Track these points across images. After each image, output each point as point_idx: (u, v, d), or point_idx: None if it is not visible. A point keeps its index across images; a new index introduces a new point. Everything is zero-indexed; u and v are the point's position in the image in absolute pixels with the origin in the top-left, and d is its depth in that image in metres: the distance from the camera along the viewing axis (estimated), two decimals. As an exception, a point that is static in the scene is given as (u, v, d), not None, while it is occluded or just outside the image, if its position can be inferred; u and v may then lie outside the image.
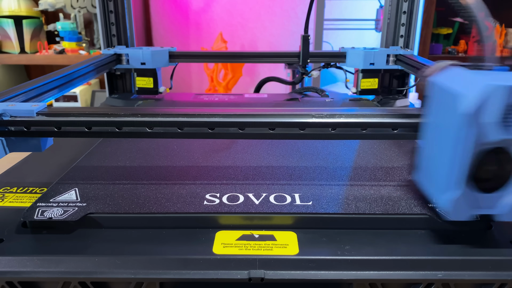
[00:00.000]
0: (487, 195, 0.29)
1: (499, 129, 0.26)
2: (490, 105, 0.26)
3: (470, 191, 0.28)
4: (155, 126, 0.34)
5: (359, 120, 0.34)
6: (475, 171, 0.28)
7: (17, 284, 0.28)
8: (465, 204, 0.28)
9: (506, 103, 0.26)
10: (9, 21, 1.66)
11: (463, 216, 0.29)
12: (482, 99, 0.25)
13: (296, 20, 1.85)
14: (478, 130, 0.26)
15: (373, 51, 0.70)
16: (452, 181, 0.28)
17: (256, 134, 0.34)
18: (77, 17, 1.71)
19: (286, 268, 0.28)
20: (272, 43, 1.91)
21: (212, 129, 0.34)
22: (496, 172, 0.28)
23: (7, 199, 0.36)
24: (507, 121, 0.26)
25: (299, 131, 0.34)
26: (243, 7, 1.88)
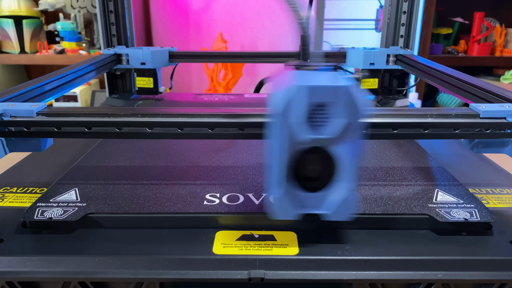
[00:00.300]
0: (313, 195, 0.29)
1: (307, 128, 0.27)
2: (294, 105, 0.26)
3: (294, 190, 0.29)
4: (155, 126, 0.34)
5: None
6: (297, 170, 0.28)
7: (17, 284, 0.28)
8: (289, 203, 0.29)
9: (309, 103, 0.26)
10: (9, 21, 1.66)
11: (288, 215, 0.29)
12: (287, 99, 0.26)
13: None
14: (289, 130, 0.27)
15: (373, 51, 0.71)
16: (275, 180, 0.28)
17: (256, 134, 0.34)
18: (77, 17, 1.71)
19: (286, 268, 0.28)
20: (272, 43, 1.91)
21: (212, 129, 0.34)
22: (318, 172, 0.28)
23: (7, 199, 0.36)
24: (314, 120, 0.27)
25: None
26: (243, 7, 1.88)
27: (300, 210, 0.29)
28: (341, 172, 0.28)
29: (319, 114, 0.27)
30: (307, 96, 0.26)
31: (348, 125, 0.27)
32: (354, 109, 0.26)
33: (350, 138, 0.27)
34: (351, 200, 0.28)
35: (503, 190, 0.39)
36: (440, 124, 0.33)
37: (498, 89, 0.41)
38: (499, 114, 0.34)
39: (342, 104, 0.26)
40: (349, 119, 0.26)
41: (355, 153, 0.28)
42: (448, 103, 1.85)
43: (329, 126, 0.27)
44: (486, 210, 0.32)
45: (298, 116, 0.26)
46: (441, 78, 0.54)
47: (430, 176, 0.38)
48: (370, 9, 1.79)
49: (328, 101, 0.26)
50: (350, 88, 0.26)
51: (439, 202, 0.33)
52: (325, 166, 0.28)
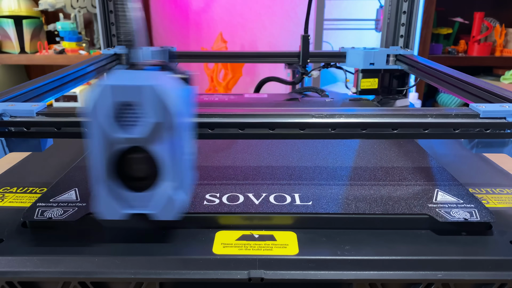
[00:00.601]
0: (139, 194, 0.28)
1: (118, 128, 0.26)
2: (101, 104, 0.26)
3: (119, 190, 0.28)
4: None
5: (358, 120, 0.34)
6: (120, 170, 0.28)
7: (17, 284, 0.28)
8: (114, 203, 0.28)
9: (115, 102, 0.26)
10: (9, 21, 1.66)
11: (114, 215, 0.28)
12: (94, 98, 0.26)
13: (296, 20, 1.85)
14: (101, 129, 0.26)
15: (373, 51, 0.71)
16: (97, 180, 0.28)
17: (256, 134, 0.34)
18: (77, 17, 1.71)
19: (286, 268, 0.28)
20: (272, 43, 1.91)
21: (212, 130, 0.34)
22: (142, 171, 0.28)
23: (7, 199, 0.36)
24: (124, 120, 0.26)
25: (299, 131, 0.34)
26: (243, 7, 1.88)
27: (126, 209, 0.29)
28: (164, 171, 0.28)
29: (129, 113, 0.26)
30: (111, 95, 0.26)
31: (159, 124, 0.26)
32: (163, 108, 0.26)
33: (166, 137, 0.27)
34: (176, 200, 0.28)
35: (503, 190, 0.39)
36: (440, 124, 0.33)
37: (498, 89, 0.41)
38: (499, 114, 0.34)
39: (149, 103, 0.26)
40: (159, 118, 0.26)
41: (175, 153, 0.27)
42: (448, 103, 1.84)
43: (139, 125, 0.27)
44: (486, 210, 0.32)
45: (107, 115, 0.26)
46: (441, 78, 0.54)
47: (430, 176, 0.38)
48: (370, 9, 1.79)
49: (134, 101, 0.26)
50: (156, 88, 0.26)
51: (439, 202, 0.33)
52: (147, 165, 0.28)
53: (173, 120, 0.27)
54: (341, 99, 0.71)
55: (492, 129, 0.33)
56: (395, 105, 0.72)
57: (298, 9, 1.83)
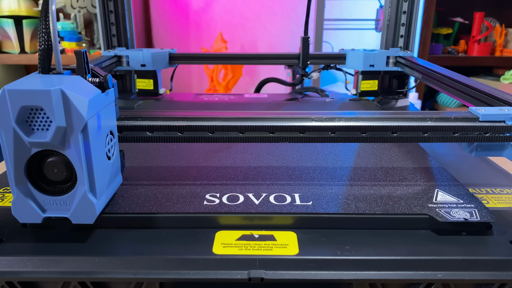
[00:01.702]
0: (57, 198, 0.29)
1: (27, 132, 0.27)
2: (6, 108, 0.26)
3: (36, 192, 0.29)
4: (155, 130, 0.34)
5: (358, 123, 0.34)
6: (36, 173, 0.29)
7: (17, 284, 0.28)
8: (32, 207, 0.29)
9: (19, 106, 0.26)
10: (9, 21, 1.66)
11: (34, 219, 0.29)
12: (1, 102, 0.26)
13: (296, 20, 1.85)
14: (10, 133, 0.27)
15: (372, 53, 0.71)
16: (11, 183, 0.28)
17: (256, 137, 0.34)
18: (77, 17, 1.71)
19: (286, 268, 0.28)
20: (272, 43, 1.91)
21: (212, 133, 0.34)
22: (57, 175, 0.29)
23: (7, 199, 0.36)
24: (33, 124, 0.27)
25: (299, 135, 0.34)
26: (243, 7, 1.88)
27: (43, 214, 0.29)
28: (78, 176, 0.28)
29: (36, 117, 0.27)
30: (14, 99, 0.26)
31: (65, 129, 0.27)
32: (70, 112, 0.26)
33: (76, 141, 0.27)
34: (88, 203, 0.28)
35: (503, 190, 0.39)
36: (440, 127, 0.34)
37: (498, 92, 0.41)
38: (498, 118, 0.34)
39: (55, 108, 0.26)
40: (64, 123, 0.26)
41: (86, 156, 0.28)
42: (448, 103, 1.84)
43: (48, 130, 0.27)
44: (486, 210, 0.32)
45: (12, 119, 0.26)
46: (441, 81, 0.54)
47: (430, 176, 0.38)
48: (370, 9, 1.79)
49: (40, 105, 0.26)
50: (60, 92, 0.26)
51: (439, 202, 0.33)
52: (61, 169, 0.28)
53: (81, 124, 0.27)
54: (341, 99, 0.71)
55: (491, 133, 0.34)
56: (395, 105, 0.72)
57: (298, 9, 1.83)
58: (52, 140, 0.27)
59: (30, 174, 0.29)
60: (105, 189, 0.31)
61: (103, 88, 0.30)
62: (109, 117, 0.31)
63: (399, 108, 0.71)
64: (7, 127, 0.27)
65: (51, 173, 0.29)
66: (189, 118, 0.34)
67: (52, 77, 0.29)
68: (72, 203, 0.29)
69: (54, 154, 0.28)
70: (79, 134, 0.27)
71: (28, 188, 0.29)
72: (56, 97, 0.26)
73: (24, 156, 0.28)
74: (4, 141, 0.27)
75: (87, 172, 0.28)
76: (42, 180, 0.29)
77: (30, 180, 0.29)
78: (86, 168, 0.28)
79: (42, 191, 0.29)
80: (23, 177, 0.28)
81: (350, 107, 0.66)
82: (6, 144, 0.27)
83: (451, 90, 0.51)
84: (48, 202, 0.29)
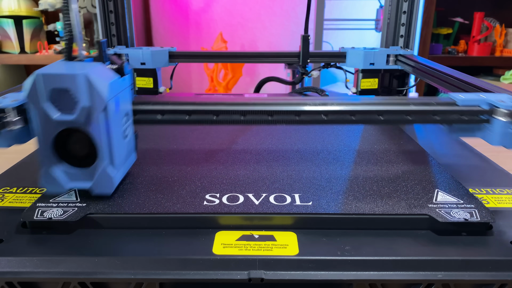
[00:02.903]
0: (80, 171, 0.33)
1: (56, 111, 0.30)
2: (37, 90, 0.30)
3: (62, 165, 0.33)
4: (166, 113, 0.36)
5: (348, 107, 0.36)
6: (64, 145, 0.33)
7: (17, 284, 0.28)
8: (58, 177, 0.33)
9: (50, 88, 0.30)
10: (9, 21, 1.66)
11: (59, 188, 0.33)
12: (31, 85, 0.30)
13: (296, 20, 1.85)
14: (40, 112, 0.31)
15: (373, 51, 0.70)
16: (41, 157, 0.33)
17: (256, 120, 0.36)
18: (77, 17, 1.71)
19: (286, 269, 0.28)
20: (272, 43, 1.91)
21: (217, 116, 0.36)
22: (82, 150, 0.33)
23: (7, 199, 0.36)
24: (61, 104, 0.30)
25: (295, 118, 0.36)
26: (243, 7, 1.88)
27: (67, 185, 0.33)
28: (99, 151, 0.32)
29: (64, 98, 0.30)
30: (45, 82, 0.30)
31: (90, 108, 0.30)
32: (93, 94, 0.30)
33: (98, 120, 0.31)
34: (107, 176, 0.33)
35: (503, 190, 0.39)
36: (422, 111, 0.36)
37: (497, 89, 0.41)
38: (474, 103, 0.36)
39: (80, 90, 0.30)
40: (90, 103, 0.30)
41: (107, 133, 0.32)
42: (448, 103, 1.84)
43: (75, 109, 0.30)
44: (486, 210, 0.32)
45: (43, 99, 0.30)
46: (441, 78, 0.54)
47: (430, 176, 0.38)
48: (370, 9, 1.79)
49: (67, 87, 0.30)
50: (86, 76, 0.29)
51: (439, 202, 0.33)
52: (85, 145, 0.32)
53: (102, 105, 0.30)
54: (341, 99, 0.71)
55: (468, 116, 0.36)
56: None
57: (298, 9, 1.83)
58: (77, 118, 0.31)
59: (57, 149, 0.33)
60: (122, 164, 0.35)
61: (120, 73, 0.34)
62: (125, 100, 0.35)
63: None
64: (38, 107, 0.30)
65: (75, 148, 0.33)
66: (196, 103, 0.36)
67: (77, 64, 0.33)
68: (93, 176, 0.33)
69: (78, 132, 0.32)
70: (100, 114, 0.31)
71: (55, 161, 0.33)
72: (81, 80, 0.30)
73: (52, 133, 0.32)
74: (35, 120, 0.31)
75: (107, 148, 0.32)
76: (67, 155, 0.33)
77: (56, 155, 0.33)
78: (106, 144, 0.32)
79: (66, 165, 0.33)
80: (50, 152, 0.32)
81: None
82: (37, 122, 0.31)
83: (451, 87, 0.51)
84: (72, 175, 0.33)
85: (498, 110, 0.35)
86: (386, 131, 0.52)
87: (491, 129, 0.36)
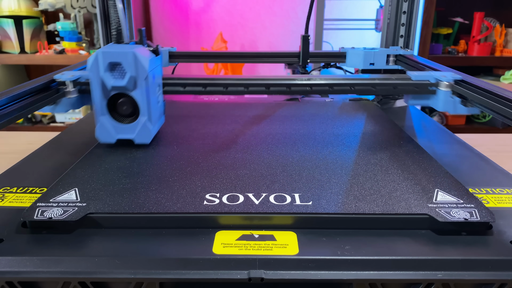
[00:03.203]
0: (128, 125, 0.45)
1: (111, 79, 0.42)
2: (98, 63, 0.42)
3: (113, 121, 0.45)
4: (187, 86, 0.49)
5: (328, 81, 0.48)
6: (114, 106, 0.44)
7: (17, 284, 0.28)
8: (108, 129, 0.45)
9: (107, 62, 0.42)
10: (9, 21, 1.66)
11: (109, 139, 0.45)
12: (93, 59, 0.42)
13: (296, 20, 1.85)
14: (99, 80, 0.43)
15: (373, 51, 0.71)
16: (98, 114, 0.44)
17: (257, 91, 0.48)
18: (77, 17, 1.71)
19: (286, 268, 0.28)
20: (272, 43, 1.91)
21: (226, 88, 0.48)
22: (127, 110, 0.44)
23: (7, 199, 0.36)
24: (113, 74, 0.42)
25: (286, 89, 0.48)
26: (243, 7, 1.88)
27: (116, 136, 0.45)
28: (141, 110, 0.44)
29: (117, 69, 0.42)
30: (104, 57, 0.42)
31: (136, 77, 0.42)
32: (138, 67, 0.42)
33: (141, 86, 0.43)
34: (146, 129, 0.45)
35: (503, 190, 0.39)
36: (384, 84, 0.48)
37: (497, 89, 0.41)
38: (424, 78, 0.48)
39: (129, 63, 0.42)
40: (135, 73, 0.42)
41: (147, 97, 0.44)
42: (448, 103, 1.84)
43: (123, 78, 0.42)
44: (486, 210, 0.32)
45: (101, 70, 0.42)
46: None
47: (430, 176, 0.38)
48: (370, 9, 1.79)
49: (120, 61, 0.42)
50: (134, 53, 0.42)
51: (439, 202, 0.33)
52: (130, 106, 0.44)
53: (144, 75, 0.43)
54: (341, 100, 0.71)
55: (420, 87, 0.48)
56: (395, 105, 0.72)
57: (298, 9, 1.83)
58: (126, 84, 0.42)
59: (109, 109, 0.44)
60: (156, 121, 0.47)
61: (156, 54, 0.46)
62: (158, 74, 0.47)
63: (399, 108, 0.71)
64: (98, 76, 0.43)
65: (122, 109, 0.44)
66: (210, 78, 0.48)
67: (125, 45, 0.44)
68: (136, 129, 0.45)
69: (125, 96, 0.44)
70: (143, 81, 0.43)
71: (107, 118, 0.45)
72: (130, 56, 0.42)
73: (107, 96, 0.44)
74: (95, 86, 0.43)
75: (146, 108, 0.44)
76: (117, 113, 0.45)
77: (109, 114, 0.45)
78: (146, 105, 0.44)
79: (116, 121, 0.45)
80: (105, 111, 0.44)
81: (350, 107, 0.66)
82: (96, 88, 0.43)
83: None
84: (120, 128, 0.45)
85: (441, 83, 0.47)
86: (386, 131, 0.52)
87: (436, 97, 0.48)
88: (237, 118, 0.59)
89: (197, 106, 0.66)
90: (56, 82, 0.47)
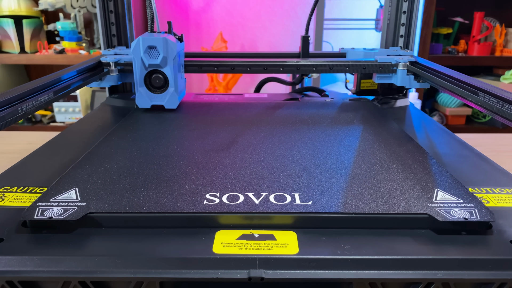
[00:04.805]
0: (159, 94, 0.62)
1: (147, 59, 0.59)
2: (139, 46, 0.59)
3: (148, 91, 0.62)
4: (203, 67, 0.69)
5: (312, 63, 0.67)
6: (149, 81, 0.61)
7: (17, 283, 0.28)
8: (145, 97, 0.62)
9: (146, 45, 0.59)
10: (9, 21, 1.66)
11: (146, 104, 0.62)
12: (135, 44, 0.59)
13: (296, 20, 1.85)
14: (139, 59, 0.60)
15: (373, 51, 0.71)
16: (137, 85, 0.62)
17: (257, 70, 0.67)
18: (77, 17, 1.71)
19: (286, 268, 0.28)
20: (272, 43, 1.91)
21: (233, 68, 0.68)
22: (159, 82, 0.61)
23: (7, 199, 0.36)
24: (150, 54, 0.59)
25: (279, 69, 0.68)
26: (243, 7, 1.88)
27: (151, 102, 0.62)
28: (170, 82, 0.61)
29: (152, 51, 0.59)
30: (143, 42, 0.59)
31: (167, 57, 0.60)
32: (168, 49, 0.59)
33: (169, 64, 0.60)
34: (174, 96, 0.62)
35: (503, 190, 0.39)
36: (355, 65, 0.67)
37: (497, 90, 0.41)
38: (387, 60, 0.67)
39: (161, 46, 0.59)
40: (166, 54, 0.59)
41: (174, 73, 0.61)
42: (448, 103, 1.84)
43: (157, 58, 0.59)
44: (486, 209, 0.32)
45: (141, 51, 0.59)
46: (441, 79, 0.54)
47: (430, 176, 0.38)
48: (370, 9, 1.79)
49: (155, 45, 0.59)
50: (165, 39, 0.58)
51: (439, 202, 0.33)
52: (161, 79, 0.61)
53: (173, 55, 0.60)
54: (341, 99, 0.71)
55: (384, 67, 0.67)
56: (395, 105, 0.72)
57: (298, 9, 1.83)
58: (160, 63, 0.60)
59: (146, 82, 0.62)
60: (181, 92, 0.64)
61: (180, 40, 0.63)
62: (182, 56, 0.65)
63: (399, 107, 0.71)
64: (138, 57, 0.60)
65: (155, 82, 0.61)
66: (220, 61, 0.68)
67: (158, 34, 0.60)
68: (166, 97, 0.62)
69: (157, 72, 0.61)
70: (172, 60, 0.60)
71: (145, 89, 0.62)
72: (163, 41, 0.59)
73: (144, 72, 0.61)
74: (137, 64, 0.60)
75: (173, 80, 0.61)
76: (151, 85, 0.62)
77: (145, 85, 0.62)
78: (173, 78, 0.61)
79: (151, 91, 0.62)
80: (142, 83, 0.61)
81: (350, 107, 0.66)
82: (137, 66, 0.60)
83: (452, 88, 0.51)
84: (154, 97, 0.62)
85: (399, 63, 0.66)
86: (386, 131, 0.52)
87: (396, 75, 0.67)
88: (237, 118, 0.59)
89: (197, 106, 0.66)
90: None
